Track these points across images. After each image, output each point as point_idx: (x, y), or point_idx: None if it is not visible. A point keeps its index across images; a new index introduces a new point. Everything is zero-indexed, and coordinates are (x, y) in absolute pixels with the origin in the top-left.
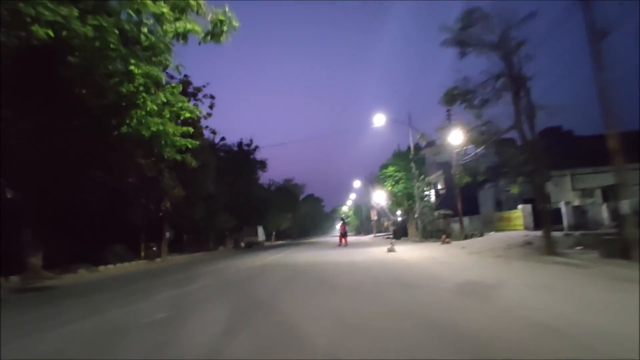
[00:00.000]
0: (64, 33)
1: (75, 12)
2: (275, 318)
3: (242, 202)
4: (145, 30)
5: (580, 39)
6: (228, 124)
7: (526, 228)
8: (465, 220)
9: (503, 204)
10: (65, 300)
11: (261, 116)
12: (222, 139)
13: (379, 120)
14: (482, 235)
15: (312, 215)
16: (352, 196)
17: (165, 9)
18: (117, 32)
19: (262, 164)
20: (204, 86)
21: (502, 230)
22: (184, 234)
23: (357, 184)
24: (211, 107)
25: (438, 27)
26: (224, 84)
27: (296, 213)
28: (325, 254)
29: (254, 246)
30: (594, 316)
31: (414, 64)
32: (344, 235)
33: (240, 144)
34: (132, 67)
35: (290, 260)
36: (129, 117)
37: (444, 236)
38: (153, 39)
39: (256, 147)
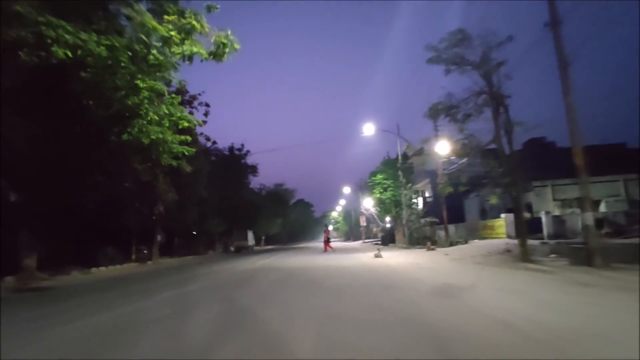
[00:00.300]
0: (79, 52)
1: (94, 37)
2: (268, 314)
3: (232, 207)
4: (154, 51)
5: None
6: (219, 126)
7: (508, 236)
8: (451, 227)
9: (488, 213)
10: (68, 299)
11: (253, 119)
12: (214, 142)
13: (369, 129)
14: (466, 242)
15: (302, 220)
16: (342, 202)
17: (174, 32)
18: (129, 52)
19: (253, 169)
20: (199, 94)
21: (486, 238)
22: (175, 238)
23: (346, 190)
24: (206, 114)
25: (425, 46)
26: (216, 87)
27: (286, 218)
28: (314, 258)
29: (243, 250)
30: (544, 313)
31: (405, 75)
32: (327, 241)
33: (231, 148)
34: (138, 82)
35: (280, 265)
36: (131, 126)
37: (429, 243)
38: (162, 58)
39: (247, 151)
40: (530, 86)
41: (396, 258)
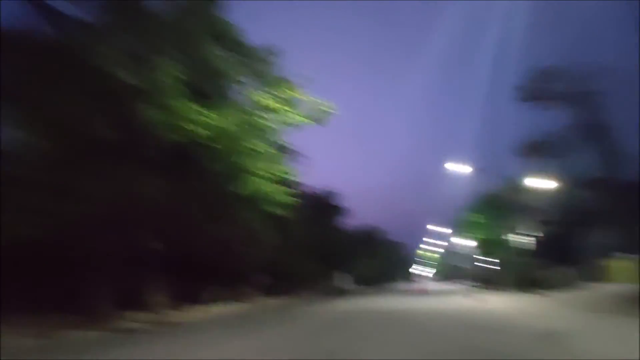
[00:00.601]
0: (210, 128)
1: (224, 117)
2: (371, 353)
3: (326, 249)
4: (266, 123)
5: None
6: (312, 167)
7: (630, 280)
8: (562, 269)
9: (607, 253)
10: (208, 330)
11: (342, 159)
12: (306, 186)
13: (459, 168)
14: (579, 286)
15: (393, 260)
16: (435, 241)
17: (280, 105)
18: (248, 126)
19: (344, 210)
20: (297, 148)
21: (603, 281)
22: (274, 279)
23: (440, 228)
24: (302, 165)
25: (513, 87)
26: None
27: (378, 258)
28: (409, 300)
29: (338, 292)
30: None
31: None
32: (417, 282)
33: (321, 191)
34: (250, 145)
35: (375, 306)
36: (243, 180)
37: (535, 286)
38: (271, 125)
39: (337, 193)
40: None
41: (496, 301)
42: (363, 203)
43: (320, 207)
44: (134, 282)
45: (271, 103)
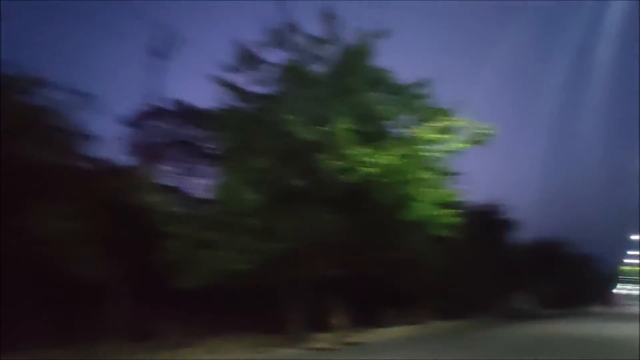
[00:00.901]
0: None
1: (393, 155)
2: None
3: (499, 267)
4: (428, 153)
5: None
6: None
7: None
8: None
9: None
10: (397, 350)
11: (510, 168)
12: (474, 203)
13: None
14: None
15: (585, 277)
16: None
17: (442, 135)
18: (411, 158)
19: (519, 224)
20: (463, 167)
21: None
22: (446, 301)
23: None
24: (468, 184)
25: None
26: None
27: (565, 275)
28: (613, 326)
29: (518, 314)
30: None
31: None
32: (621, 304)
33: (490, 206)
34: (417, 176)
35: (570, 332)
36: (408, 208)
37: None
38: (435, 155)
39: (507, 205)
40: None
41: None
42: (545, 214)
43: (490, 224)
44: (319, 306)
45: (430, 134)
